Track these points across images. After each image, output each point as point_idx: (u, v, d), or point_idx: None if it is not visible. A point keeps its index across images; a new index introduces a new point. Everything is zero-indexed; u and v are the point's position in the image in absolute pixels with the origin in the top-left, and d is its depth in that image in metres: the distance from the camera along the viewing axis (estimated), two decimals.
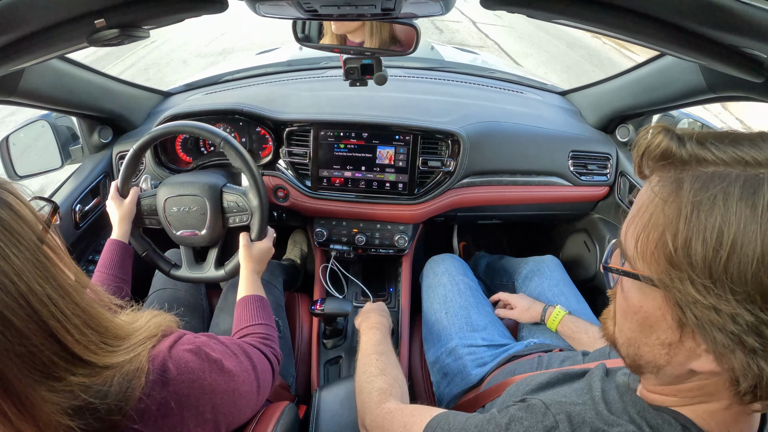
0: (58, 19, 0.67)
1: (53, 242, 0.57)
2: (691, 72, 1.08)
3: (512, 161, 1.45)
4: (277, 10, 0.75)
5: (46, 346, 0.50)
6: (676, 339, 0.46)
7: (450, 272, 1.37)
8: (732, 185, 0.41)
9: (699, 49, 0.64)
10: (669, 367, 0.49)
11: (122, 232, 1.15)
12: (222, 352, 0.75)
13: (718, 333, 0.42)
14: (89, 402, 0.53)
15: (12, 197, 0.54)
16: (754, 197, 0.40)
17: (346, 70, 1.04)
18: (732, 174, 0.42)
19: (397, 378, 0.92)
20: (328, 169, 1.42)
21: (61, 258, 0.57)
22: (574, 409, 0.55)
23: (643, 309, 0.48)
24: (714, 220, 0.41)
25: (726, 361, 0.43)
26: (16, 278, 0.49)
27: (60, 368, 0.51)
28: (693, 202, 0.42)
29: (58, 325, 0.51)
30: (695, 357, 0.46)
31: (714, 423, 0.49)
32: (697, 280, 0.42)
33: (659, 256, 0.45)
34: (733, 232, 0.40)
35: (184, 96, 1.72)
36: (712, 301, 0.41)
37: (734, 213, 0.40)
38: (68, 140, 1.49)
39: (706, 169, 0.43)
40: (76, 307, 0.54)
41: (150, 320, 0.67)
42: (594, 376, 0.62)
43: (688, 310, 0.43)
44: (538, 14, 0.65)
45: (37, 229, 0.55)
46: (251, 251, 1.14)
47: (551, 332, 1.22)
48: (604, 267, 0.55)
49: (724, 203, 0.41)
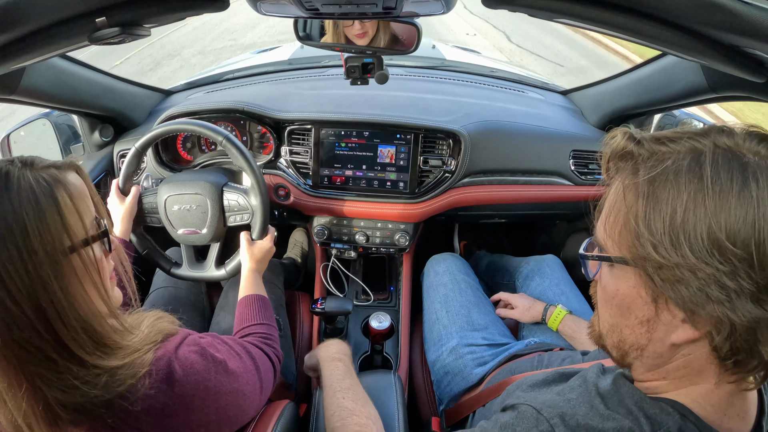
0: (60, 18, 0.67)
1: (87, 256, 0.58)
2: (693, 72, 1.08)
3: (513, 160, 1.45)
4: (278, 8, 0.75)
5: (38, 323, 0.53)
6: (652, 314, 0.50)
7: (451, 271, 1.37)
8: (680, 161, 0.47)
9: (700, 48, 0.64)
10: (651, 346, 0.52)
11: (123, 230, 1.16)
12: (226, 352, 0.75)
13: (685, 290, 0.46)
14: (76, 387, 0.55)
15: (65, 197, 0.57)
16: (700, 169, 0.46)
17: (347, 68, 1.04)
18: (680, 155, 0.48)
19: (369, 416, 0.84)
20: (329, 168, 1.42)
21: (89, 273, 0.58)
22: (567, 407, 0.56)
23: (620, 292, 0.53)
24: (667, 193, 0.47)
25: (699, 321, 0.47)
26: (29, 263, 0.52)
27: (48, 346, 0.54)
28: (648, 181, 0.48)
29: (56, 316, 0.54)
30: (673, 329, 0.49)
31: (710, 407, 0.50)
32: (659, 245, 0.47)
33: (625, 233, 0.50)
34: (685, 201, 0.45)
35: (185, 94, 1.72)
36: (675, 260, 0.46)
37: (684, 185, 0.46)
38: (69, 138, 1.50)
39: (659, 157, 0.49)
40: (79, 315, 0.56)
41: (152, 325, 0.68)
42: (589, 371, 0.62)
43: (656, 276, 0.48)
44: (540, 13, 0.65)
45: (76, 238, 0.57)
46: (252, 250, 1.14)
47: (552, 332, 1.22)
48: (581, 255, 0.60)
49: (675, 178, 0.47)
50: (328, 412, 0.85)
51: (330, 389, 0.89)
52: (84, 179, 0.62)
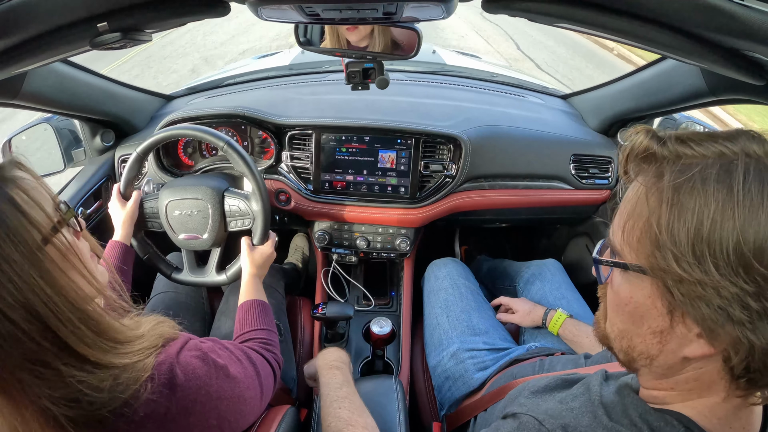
0: (61, 23, 0.68)
1: (61, 243, 0.56)
2: (693, 75, 1.08)
3: (514, 165, 1.45)
4: (279, 14, 0.76)
5: (35, 332, 0.51)
6: (666, 326, 0.48)
7: (451, 276, 1.36)
8: (709, 169, 0.44)
9: (700, 52, 0.64)
10: (662, 356, 0.50)
11: (124, 234, 1.16)
12: (227, 358, 0.75)
13: (705, 308, 0.43)
14: (84, 395, 0.53)
15: (19, 193, 0.54)
16: (729, 179, 0.43)
17: (348, 74, 1.04)
18: (708, 161, 0.45)
19: (366, 425, 0.83)
20: (330, 173, 1.42)
21: (69, 259, 0.56)
22: (570, 417, 0.55)
23: (634, 299, 0.50)
24: (694, 202, 0.43)
25: (716, 338, 0.44)
26: (10, 271, 0.50)
27: (49, 355, 0.52)
28: (673, 187, 0.45)
29: (50, 314, 0.52)
30: (687, 342, 0.47)
31: (716, 419, 0.49)
32: (682, 258, 0.44)
33: (645, 241, 0.47)
34: (712, 212, 0.42)
35: (187, 99, 1.73)
36: (697, 276, 0.43)
37: (712, 194, 0.43)
38: (71, 143, 1.50)
39: (686, 161, 0.46)
40: (73, 306, 0.54)
41: (153, 329, 0.67)
42: (593, 379, 0.61)
43: (676, 290, 0.45)
44: (540, 18, 0.66)
45: (44, 228, 0.55)
46: (253, 256, 1.14)
47: (553, 336, 1.21)
48: (595, 260, 0.57)
49: (702, 186, 0.43)
50: (325, 423, 0.84)
51: (327, 399, 0.88)
52: (28, 171, 0.59)
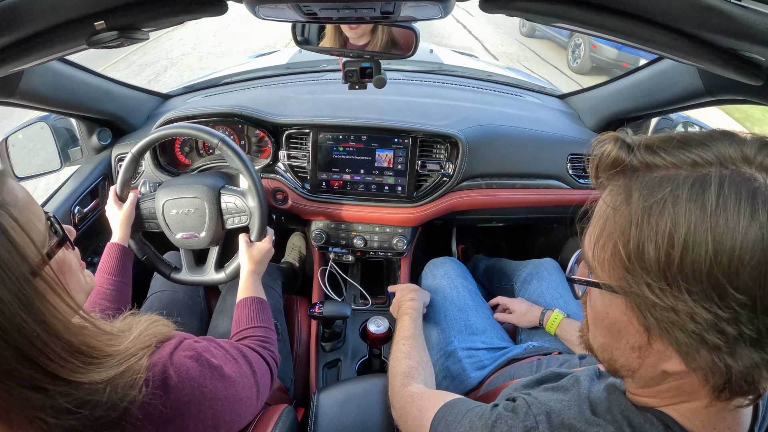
0: (58, 21, 0.67)
1: (50, 276, 0.52)
2: (690, 75, 1.08)
3: (511, 164, 1.45)
4: (276, 13, 0.76)
5: (24, 366, 0.47)
6: (644, 342, 0.47)
7: (449, 275, 1.37)
8: (680, 188, 0.41)
9: (697, 52, 0.64)
10: (642, 370, 0.49)
11: (122, 236, 1.15)
12: (222, 357, 0.75)
13: (680, 333, 0.42)
14: (76, 405, 0.51)
15: (10, 221, 0.49)
16: (702, 197, 0.40)
17: (345, 73, 1.04)
18: (680, 176, 0.42)
19: (421, 361, 0.98)
20: (327, 172, 1.42)
21: (56, 292, 0.52)
22: (556, 407, 0.56)
23: (610, 315, 0.49)
24: (664, 223, 0.41)
25: (692, 361, 0.43)
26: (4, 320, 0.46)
27: (39, 381, 0.49)
28: (643, 208, 0.43)
29: (38, 352, 0.48)
30: (665, 358, 0.46)
31: (698, 421, 0.49)
32: (653, 284, 0.42)
33: (615, 263, 0.45)
34: (684, 234, 0.40)
35: (183, 98, 1.72)
36: (670, 302, 0.41)
37: (683, 215, 0.40)
38: (67, 142, 1.49)
39: (656, 173, 0.44)
40: (58, 340, 0.50)
41: (146, 329, 0.65)
42: (584, 374, 0.62)
43: (648, 314, 0.44)
44: (537, 18, 0.66)
45: (33, 260, 0.51)
46: (251, 252, 1.14)
47: (550, 335, 1.22)
48: (568, 279, 0.56)
49: (674, 206, 0.41)
50: (391, 356, 1.03)
51: (396, 338, 1.08)
52: (16, 189, 0.54)
